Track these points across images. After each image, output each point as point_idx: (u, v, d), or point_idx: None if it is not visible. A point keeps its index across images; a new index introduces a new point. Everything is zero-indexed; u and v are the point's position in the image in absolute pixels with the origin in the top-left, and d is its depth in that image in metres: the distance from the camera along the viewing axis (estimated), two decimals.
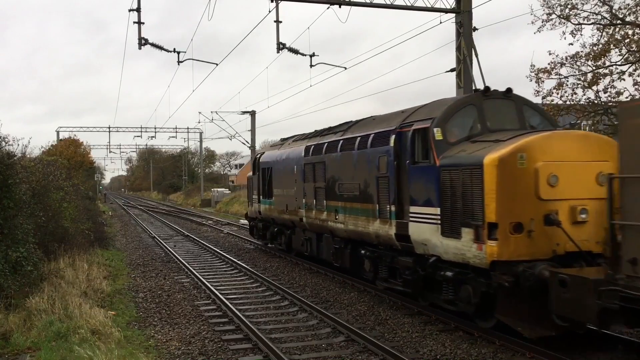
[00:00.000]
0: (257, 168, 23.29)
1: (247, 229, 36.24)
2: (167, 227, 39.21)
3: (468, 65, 19.18)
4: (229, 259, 21.89)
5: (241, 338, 11.37)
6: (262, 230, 24.40)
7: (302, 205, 17.72)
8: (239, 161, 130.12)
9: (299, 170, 17.83)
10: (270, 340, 10.73)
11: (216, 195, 69.66)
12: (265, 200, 22.00)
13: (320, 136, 17.31)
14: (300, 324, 12.21)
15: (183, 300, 14.85)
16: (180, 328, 12.24)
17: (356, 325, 11.77)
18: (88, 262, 18.06)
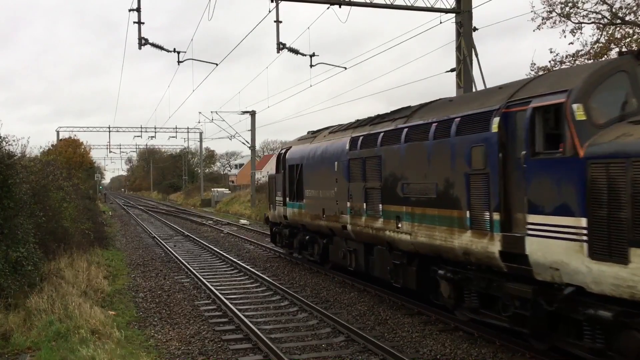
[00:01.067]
0: (281, 165, 20.02)
1: (247, 229, 36.37)
2: (167, 227, 39.09)
3: (468, 65, 19.16)
4: (229, 259, 21.84)
5: (241, 338, 11.34)
6: (288, 237, 20.44)
7: (346, 210, 14.27)
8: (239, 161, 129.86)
9: (341, 168, 14.53)
10: (270, 340, 10.71)
11: (216, 195, 69.47)
12: (292, 203, 18.55)
13: (371, 125, 13.85)
14: (300, 324, 12.18)
15: (183, 300, 14.82)
16: (180, 328, 12.21)
17: (356, 325, 11.73)
18: (88, 262, 17.92)
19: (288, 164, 18.94)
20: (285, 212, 19.50)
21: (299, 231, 19.13)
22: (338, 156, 14.74)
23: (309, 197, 16.97)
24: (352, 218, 14.01)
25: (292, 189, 18.51)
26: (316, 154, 16.40)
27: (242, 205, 56.89)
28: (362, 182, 13.41)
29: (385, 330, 11.55)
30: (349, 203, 14.06)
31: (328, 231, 16.08)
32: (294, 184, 18.26)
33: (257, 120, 53.35)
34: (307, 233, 18.29)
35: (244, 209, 54.41)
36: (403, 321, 12.06)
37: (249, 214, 50.81)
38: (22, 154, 17.73)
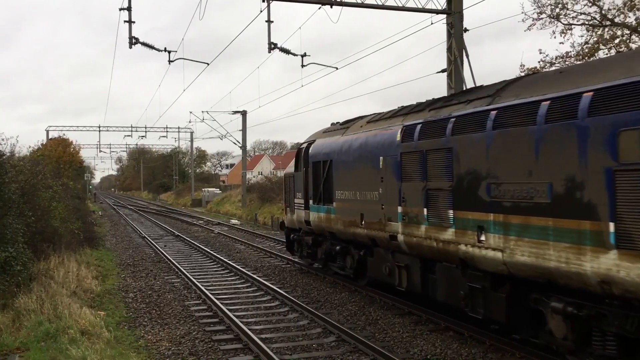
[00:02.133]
0: (302, 163, 17.05)
1: (238, 229, 36.05)
2: (158, 227, 38.82)
3: (459, 66, 19.19)
4: (219, 259, 21.68)
5: (232, 338, 11.26)
6: (310, 246, 17.17)
7: (396, 217, 11.47)
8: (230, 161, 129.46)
9: (389, 164, 11.72)
10: (261, 340, 10.67)
11: (207, 195, 69.04)
12: (318, 207, 15.58)
13: (431, 110, 10.94)
14: (291, 324, 12.11)
15: (173, 300, 14.71)
16: (171, 328, 12.12)
17: (347, 326, 11.64)
18: (78, 262, 17.70)
19: (312, 160, 16.05)
20: (307, 216, 16.53)
21: (325, 239, 16.10)
22: (384, 150, 11.88)
23: (341, 199, 14.07)
24: (406, 226, 11.11)
25: (317, 189, 15.66)
26: (351, 148, 13.49)
27: (233, 206, 56.62)
28: (422, 182, 10.49)
29: (376, 330, 11.50)
30: (401, 208, 11.20)
31: (368, 241, 13.01)
32: (320, 184, 15.36)
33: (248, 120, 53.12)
34: (337, 242, 15.20)
35: (235, 209, 54.17)
36: (394, 321, 12.00)
37: (239, 214, 50.58)
38: (12, 153, 17.56)
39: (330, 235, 15.48)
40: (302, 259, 18.72)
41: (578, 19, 23.28)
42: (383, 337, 11.05)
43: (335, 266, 16.04)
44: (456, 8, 19.74)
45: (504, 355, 9.57)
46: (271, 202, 46.29)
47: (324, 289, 15.39)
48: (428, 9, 19.89)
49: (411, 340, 10.78)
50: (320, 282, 16.32)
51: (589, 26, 23.15)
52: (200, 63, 26.08)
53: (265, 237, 30.05)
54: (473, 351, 9.92)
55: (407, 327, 11.59)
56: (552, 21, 23.29)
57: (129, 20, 20.67)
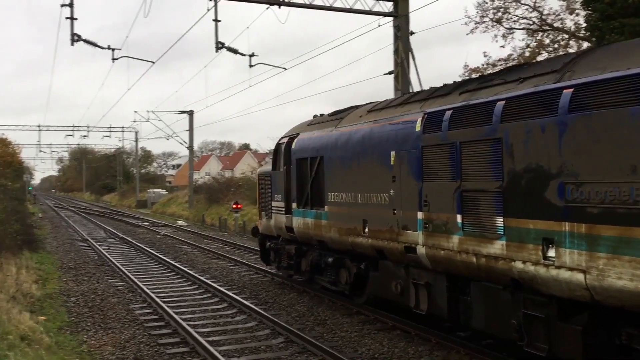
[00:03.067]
0: (282, 160, 14.65)
1: (185, 231, 35.60)
2: (101, 229, 37.85)
3: (405, 68, 19.47)
4: (166, 261, 21.24)
5: (178, 342, 11.06)
6: (294, 257, 14.65)
7: (415, 224, 9.37)
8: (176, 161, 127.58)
9: (404, 160, 9.60)
10: (209, 342, 10.55)
11: (152, 196, 67.64)
12: (304, 211, 13.27)
13: (463, 92, 8.76)
14: (239, 326, 12.01)
15: (117, 304, 14.37)
16: (115, 333, 11.83)
17: (295, 326, 11.57)
18: (17, 266, 17.24)
19: (295, 157, 13.72)
20: (289, 222, 14.12)
21: (312, 249, 13.82)
22: (397, 143, 9.77)
23: (335, 203, 11.89)
24: (429, 237, 8.97)
25: (302, 191, 13.41)
26: (349, 143, 11.34)
27: (180, 207, 55.84)
28: (454, 182, 8.40)
29: (325, 330, 11.49)
30: (422, 214, 9.07)
31: (372, 253, 10.92)
32: (306, 184, 13.15)
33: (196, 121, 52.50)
34: (328, 253, 12.92)
35: (182, 210, 53.47)
36: (342, 321, 12.02)
37: (186, 215, 49.96)
38: None
39: (320, 245, 13.00)
40: (280, 270, 16.13)
41: (519, 23, 23.92)
42: (331, 337, 11.06)
43: (324, 280, 13.57)
44: (402, 11, 19.98)
45: (450, 353, 9.73)
46: (219, 203, 45.87)
47: (272, 290, 15.31)
48: (375, 11, 20.08)
49: (359, 339, 10.82)
50: (269, 283, 16.26)
51: (530, 30, 23.80)
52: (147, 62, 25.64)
53: (213, 239, 29.69)
54: (420, 349, 10.04)
55: (355, 326, 11.63)
56: (494, 25, 23.88)
57: (70, 17, 20.12)
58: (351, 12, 20.18)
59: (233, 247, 26.20)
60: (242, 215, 35.12)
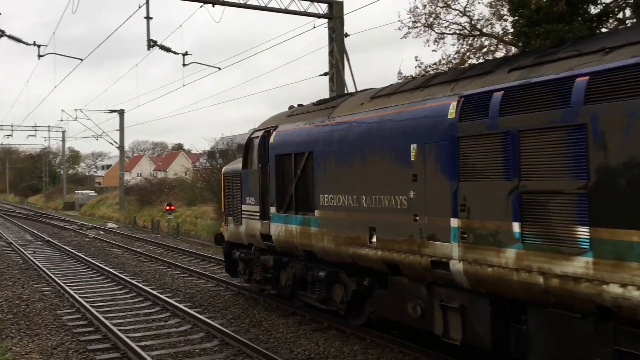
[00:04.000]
0: (257, 156, 12.65)
1: (115, 233, 34.51)
2: (26, 232, 36.34)
3: (340, 70, 19.64)
4: (95, 265, 20.58)
5: (108, 347, 10.74)
6: (272, 269, 12.57)
7: (448, 233, 7.58)
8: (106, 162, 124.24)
9: (433, 154, 7.80)
10: (140, 348, 10.29)
11: (80, 197, 65.46)
12: (286, 216, 11.41)
13: (517, 69, 7.02)
14: (172, 330, 11.77)
15: (44, 309, 13.83)
16: (41, 339, 11.39)
17: (231, 329, 11.43)
18: None
19: (275, 153, 11.81)
20: (266, 229, 12.16)
21: (295, 261, 11.87)
22: (421, 134, 8.00)
23: (329, 207, 10.06)
24: (469, 249, 7.26)
25: (283, 193, 11.59)
26: (350, 135, 9.51)
27: (110, 208, 54.35)
28: (508, 181, 6.73)
29: (260, 332, 11.40)
30: (458, 220, 7.40)
31: (382, 267, 9.07)
32: (289, 185, 11.31)
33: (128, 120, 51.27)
34: (318, 265, 11.05)
35: (112, 212, 52.06)
36: (278, 322, 11.97)
37: (117, 217, 48.72)
38: None
39: (307, 256, 11.03)
40: (250, 283, 14.04)
41: (450, 28, 24.01)
42: (267, 338, 11.00)
43: (310, 297, 11.63)
44: (337, 13, 20.15)
45: (384, 351, 9.83)
46: (151, 205, 44.99)
47: (207, 292, 15.12)
48: (310, 12, 20.18)
49: (295, 340, 10.81)
50: (204, 285, 16.01)
51: (460, 35, 23.97)
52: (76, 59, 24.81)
53: (145, 241, 29.17)
54: (355, 348, 10.11)
55: (291, 327, 11.61)
56: (426, 30, 23.91)
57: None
58: (286, 12, 20.19)
59: (166, 249, 25.69)
60: (175, 217, 34.46)
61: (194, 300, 14.33)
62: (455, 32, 24.00)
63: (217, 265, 20.16)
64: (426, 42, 24.60)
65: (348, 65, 19.45)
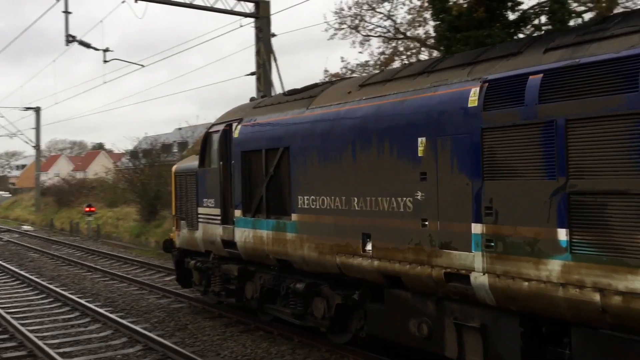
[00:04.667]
0: (215, 153, 11.36)
1: (31, 236, 33.00)
2: None
3: (267, 70, 19.55)
4: (9, 269, 19.56)
5: (25, 355, 10.30)
6: (236, 280, 11.10)
7: (468, 241, 6.48)
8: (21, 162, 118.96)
9: (446, 150, 6.71)
10: (59, 355, 9.89)
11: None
12: (255, 221, 10.03)
13: (555, 48, 6.04)
14: (92, 336, 11.36)
15: None
16: None
17: (155, 333, 11.17)
18: None
19: (241, 149, 10.48)
20: (229, 235, 10.80)
21: (263, 270, 10.54)
22: (432, 126, 6.92)
23: (311, 210, 8.81)
24: (497, 260, 6.18)
25: (251, 194, 10.28)
26: (337, 128, 8.30)
27: (26, 210, 52.14)
28: (550, 179, 5.68)
29: (186, 335, 11.17)
30: (483, 226, 6.32)
31: (378, 279, 7.82)
32: (258, 185, 10.07)
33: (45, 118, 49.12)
34: (294, 276, 9.70)
35: (28, 214, 49.96)
36: (204, 325, 11.76)
37: (33, 219, 46.72)
38: None
39: (280, 265, 9.76)
40: (207, 295, 12.51)
41: (375, 31, 24.12)
42: (193, 341, 10.79)
43: (282, 312, 10.27)
44: (263, 13, 20.05)
45: (311, 351, 9.88)
46: (70, 206, 43.34)
47: (129, 296, 14.72)
48: (236, 11, 19.98)
49: (222, 342, 10.66)
50: (126, 289, 15.57)
51: (385, 38, 24.13)
52: None
53: (63, 244, 28.28)
54: (282, 348, 10.09)
55: (217, 329, 11.45)
56: (352, 32, 23.97)
57: None
58: (212, 10, 19.93)
59: (86, 252, 24.96)
60: (95, 218, 33.41)
61: (115, 304, 13.91)
62: (380, 34, 24.18)
63: (141, 268, 19.69)
64: (352, 43, 24.94)
65: (275, 65, 19.40)
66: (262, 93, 18.43)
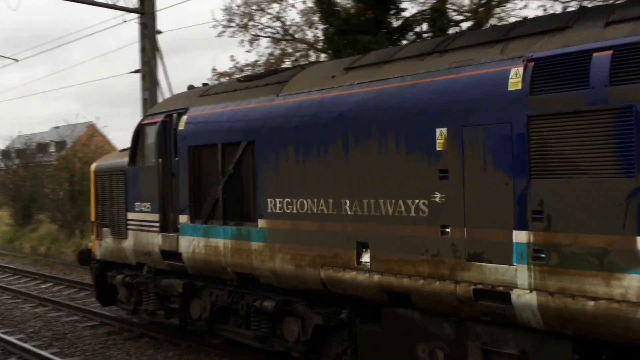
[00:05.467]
0: (151, 149, 9.84)
1: None
2: None
3: (152, 68, 18.60)
4: None
5: None
6: (180, 297, 9.27)
7: (509, 253, 5.34)
8: None
9: (478, 142, 5.60)
10: None
11: None
12: (207, 228, 8.47)
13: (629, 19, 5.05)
14: None
15: None
16: None
17: (31, 344, 10.17)
18: None
19: (188, 144, 9.00)
20: (171, 244, 9.22)
21: (212, 285, 8.94)
22: (456, 114, 5.80)
23: (284, 215, 7.49)
24: (550, 274, 5.14)
25: (203, 196, 8.76)
26: (321, 119, 7.06)
27: None
28: (627, 178, 4.79)
29: (65, 345, 10.35)
30: (531, 234, 5.25)
31: (377, 296, 6.60)
32: (213, 186, 8.55)
33: None
34: (258, 293, 8.20)
35: None
36: (84, 334, 10.97)
37: None
38: None
39: (239, 279, 8.27)
40: (136, 315, 10.72)
41: (264, 31, 23.71)
42: (73, 351, 10.16)
43: (241, 335, 8.68)
44: (148, 8, 19.15)
45: (200, 355, 9.44)
46: None
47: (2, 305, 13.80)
48: (119, 6, 18.99)
49: (104, 351, 10.13)
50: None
51: (274, 39, 23.82)
52: None
53: None
54: (169, 354, 9.66)
55: (99, 338, 10.84)
56: (241, 30, 23.40)
57: None
58: (92, 4, 18.82)
59: None
60: None
61: None
62: (269, 35, 23.77)
63: (14, 276, 18.44)
64: (241, 42, 24.65)
65: (162, 63, 18.52)
66: (147, 92, 17.50)
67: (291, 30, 23.52)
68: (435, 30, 16.47)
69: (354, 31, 16.15)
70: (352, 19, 16.40)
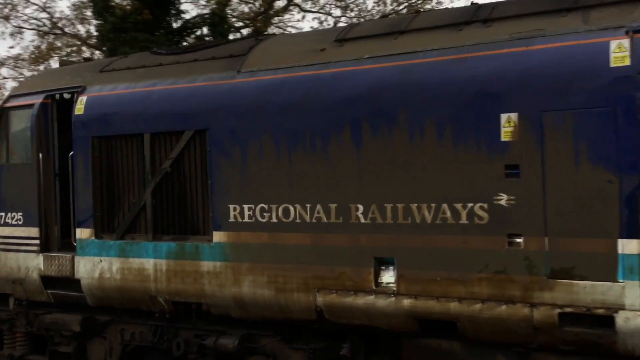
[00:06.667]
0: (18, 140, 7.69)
1: None
2: None
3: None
4: None
5: None
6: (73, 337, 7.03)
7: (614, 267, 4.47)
8: None
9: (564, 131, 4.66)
10: None
11: None
12: (124, 245, 6.61)
13: None
14: None
15: None
16: None
17: None
18: None
19: (93, 134, 7.04)
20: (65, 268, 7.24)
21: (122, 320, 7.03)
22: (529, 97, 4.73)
23: (257, 225, 5.89)
24: None
25: (115, 202, 6.94)
26: (317, 101, 5.61)
27: None
28: None
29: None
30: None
31: (402, 324, 5.28)
32: (135, 189, 6.82)
33: None
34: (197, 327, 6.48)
35: None
36: None
37: None
38: None
39: (175, 310, 6.44)
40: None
41: (29, 23, 23.05)
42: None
43: None
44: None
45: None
46: None
47: None
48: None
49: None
50: None
51: (40, 32, 23.17)
52: None
53: None
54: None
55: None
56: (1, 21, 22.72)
57: None
58: None
59: None
60: None
61: None
62: (35, 27, 23.02)
63: None
64: (1, 34, 23.64)
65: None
66: None
67: (60, 23, 23.14)
68: (216, 34, 16.87)
69: (131, 29, 16.03)
70: (128, 17, 16.19)
